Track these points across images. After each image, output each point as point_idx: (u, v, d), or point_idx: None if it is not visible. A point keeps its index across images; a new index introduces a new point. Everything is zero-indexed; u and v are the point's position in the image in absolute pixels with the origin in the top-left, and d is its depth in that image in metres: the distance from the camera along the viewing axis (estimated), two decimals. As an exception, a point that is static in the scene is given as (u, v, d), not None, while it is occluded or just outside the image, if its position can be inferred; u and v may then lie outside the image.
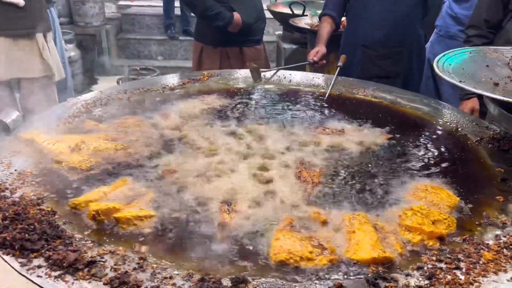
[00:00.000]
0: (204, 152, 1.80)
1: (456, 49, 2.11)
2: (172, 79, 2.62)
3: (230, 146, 1.84)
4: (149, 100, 2.33)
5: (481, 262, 1.18)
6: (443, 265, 1.17)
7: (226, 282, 1.08)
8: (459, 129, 2.09)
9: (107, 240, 1.23)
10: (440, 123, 2.17)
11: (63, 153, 1.69)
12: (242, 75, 2.75)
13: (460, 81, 1.75)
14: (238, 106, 2.33)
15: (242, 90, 2.58)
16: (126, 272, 1.09)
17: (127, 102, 2.29)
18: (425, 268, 1.16)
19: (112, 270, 1.10)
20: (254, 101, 2.42)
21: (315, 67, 2.96)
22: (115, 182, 1.52)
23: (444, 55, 2.01)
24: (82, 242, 1.21)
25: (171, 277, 1.09)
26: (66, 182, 1.52)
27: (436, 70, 1.86)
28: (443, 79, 1.78)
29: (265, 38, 3.87)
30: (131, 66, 6.26)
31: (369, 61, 3.07)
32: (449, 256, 1.21)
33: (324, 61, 2.98)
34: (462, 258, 1.20)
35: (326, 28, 3.07)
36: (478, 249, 1.24)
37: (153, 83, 2.55)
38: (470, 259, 1.19)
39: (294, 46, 5.13)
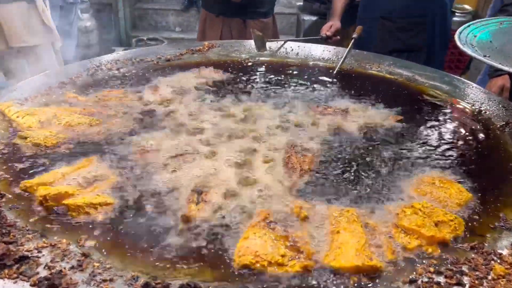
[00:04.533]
0: (188, 130, 1.62)
1: (483, 19, 1.82)
2: (169, 50, 2.42)
3: (217, 125, 1.66)
4: (140, 72, 2.15)
5: (489, 277, 0.97)
6: (441, 279, 0.97)
7: (174, 288, 0.91)
8: (483, 111, 1.83)
9: (53, 230, 1.08)
10: (461, 104, 1.91)
11: (32, 127, 1.55)
12: (246, 46, 2.53)
13: (485, 56, 1.49)
14: (236, 80, 2.12)
15: (243, 63, 2.36)
16: (61, 271, 0.94)
17: (116, 73, 2.12)
18: (419, 281, 0.96)
19: (46, 268, 0.95)
20: (254, 76, 2.20)
21: (328, 43, 2.71)
22: (79, 161, 1.37)
23: (468, 26, 1.74)
24: (23, 232, 1.06)
25: (111, 280, 0.93)
26: (26, 160, 1.37)
27: (458, 42, 1.60)
28: (465, 53, 1.52)
29: (286, 10, 3.61)
30: (138, 37, 6.10)
31: (387, 34, 2.78)
32: (451, 267, 1.00)
33: (338, 37, 2.73)
34: (467, 271, 0.99)
35: (340, 0, 2.80)
36: (488, 261, 1.02)
37: (147, 53, 2.36)
38: (477, 273, 0.98)
39: (313, 18, 4.84)
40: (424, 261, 1.02)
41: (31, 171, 1.31)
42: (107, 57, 2.24)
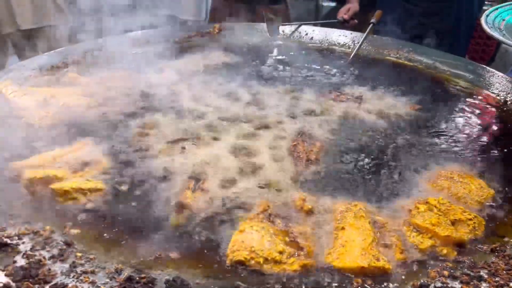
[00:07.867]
0: (191, 114, 1.53)
1: (514, 0, 1.68)
2: (177, 32, 2.34)
3: (222, 110, 1.57)
4: (146, 54, 2.07)
5: None
6: (457, 285, 0.86)
7: (160, 284, 0.84)
8: (509, 102, 1.70)
9: (37, 216, 1.01)
10: (485, 94, 1.78)
11: (28, 107, 1.48)
12: (258, 30, 2.42)
13: (514, 41, 1.36)
14: (246, 64, 2.03)
15: (254, 46, 2.26)
16: (40, 261, 0.87)
17: (122, 54, 2.04)
18: (431, 286, 0.86)
19: (25, 257, 0.88)
20: (265, 60, 2.10)
21: (345, 27, 2.58)
22: (73, 144, 1.30)
23: (496, 8, 1.60)
24: (5, 216, 0.99)
25: (92, 272, 0.85)
26: (18, 141, 1.30)
27: (484, 26, 1.47)
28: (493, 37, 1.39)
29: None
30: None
31: (410, 19, 2.63)
32: (468, 272, 0.90)
33: (356, 21, 2.60)
34: (486, 277, 0.88)
35: None
36: (510, 265, 0.91)
37: (155, 35, 2.27)
38: (497, 278, 0.88)
39: (332, 4, 4.66)
40: (437, 264, 0.92)
41: (23, 152, 1.24)
42: (112, 38, 2.16)
